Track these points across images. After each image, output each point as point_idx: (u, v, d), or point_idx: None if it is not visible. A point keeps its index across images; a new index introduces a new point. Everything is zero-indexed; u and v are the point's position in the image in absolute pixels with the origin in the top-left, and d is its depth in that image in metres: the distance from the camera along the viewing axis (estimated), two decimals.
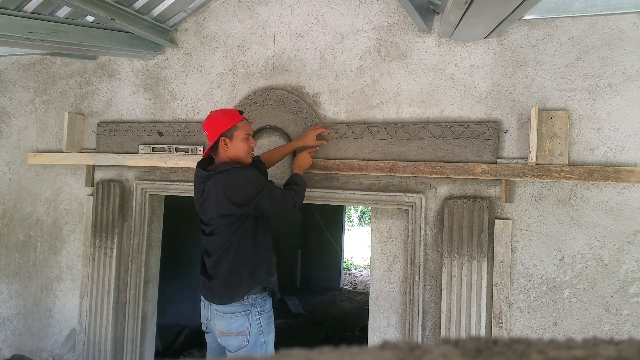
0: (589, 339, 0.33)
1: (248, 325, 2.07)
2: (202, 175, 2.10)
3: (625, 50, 2.12)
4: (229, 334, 2.08)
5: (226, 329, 2.08)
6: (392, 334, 2.48)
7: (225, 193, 1.99)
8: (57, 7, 2.51)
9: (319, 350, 0.32)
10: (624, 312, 2.09)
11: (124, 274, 2.99)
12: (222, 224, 2.06)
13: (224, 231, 2.06)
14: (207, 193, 2.05)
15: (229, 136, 2.08)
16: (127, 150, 2.99)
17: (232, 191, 1.99)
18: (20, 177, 3.35)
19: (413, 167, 2.33)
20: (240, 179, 2.01)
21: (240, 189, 1.99)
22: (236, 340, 2.07)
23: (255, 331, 2.09)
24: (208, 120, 2.12)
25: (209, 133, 2.10)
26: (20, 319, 3.32)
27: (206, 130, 2.12)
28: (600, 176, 2.06)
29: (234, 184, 2.00)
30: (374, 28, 2.53)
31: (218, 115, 2.12)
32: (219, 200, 2.01)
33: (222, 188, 2.00)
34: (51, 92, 3.29)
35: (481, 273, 2.24)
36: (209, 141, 2.12)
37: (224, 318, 2.08)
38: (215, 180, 2.02)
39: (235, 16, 2.83)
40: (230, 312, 2.08)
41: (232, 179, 2.01)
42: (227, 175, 2.02)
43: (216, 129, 2.07)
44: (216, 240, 2.09)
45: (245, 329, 2.07)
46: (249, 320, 2.08)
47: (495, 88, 2.31)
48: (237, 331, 2.07)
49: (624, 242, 2.10)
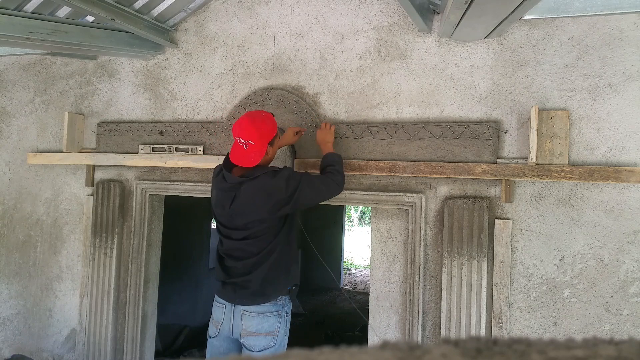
0: (589, 339, 0.33)
1: (277, 326, 2.07)
2: (232, 181, 2.04)
3: (625, 50, 2.12)
4: (258, 334, 2.05)
5: (256, 328, 2.05)
6: (392, 334, 2.48)
7: (267, 198, 1.97)
8: (57, 7, 2.51)
9: (319, 350, 0.32)
10: (624, 312, 2.09)
11: (124, 274, 2.99)
12: (263, 227, 2.03)
13: (265, 234, 2.03)
14: (244, 199, 2.01)
15: (272, 144, 2.07)
16: (127, 150, 2.99)
17: (275, 194, 1.97)
18: (20, 177, 3.35)
19: (413, 167, 2.33)
20: (280, 180, 1.99)
21: (282, 189, 1.98)
22: (264, 340, 2.05)
23: (283, 332, 2.10)
24: (253, 130, 1.98)
25: (255, 144, 1.98)
26: (20, 319, 3.32)
27: (251, 140, 1.98)
28: (600, 176, 2.06)
29: (275, 186, 1.98)
30: (374, 28, 2.53)
31: (263, 123, 2.03)
32: (260, 206, 1.98)
33: (264, 193, 1.98)
34: (51, 92, 3.29)
35: (481, 273, 2.24)
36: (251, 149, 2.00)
37: (255, 318, 2.06)
38: (253, 186, 1.99)
39: (235, 16, 2.83)
40: (263, 312, 2.06)
41: (272, 183, 1.98)
42: (266, 180, 1.99)
43: (265, 139, 2.01)
44: (254, 243, 2.05)
45: (274, 329, 2.07)
46: (279, 321, 2.08)
47: (495, 88, 2.31)
48: (267, 331, 2.05)
49: (624, 242, 2.10)
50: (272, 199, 1.97)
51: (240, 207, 2.02)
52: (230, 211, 2.05)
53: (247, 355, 1.93)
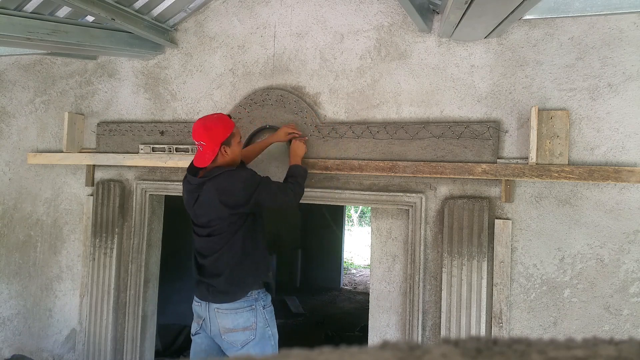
0: (589, 339, 0.33)
1: (254, 320, 2.11)
2: (194, 182, 2.14)
3: (625, 50, 2.12)
4: (235, 330, 2.10)
5: (232, 325, 2.10)
6: (392, 334, 2.48)
7: (223, 196, 2.04)
8: (57, 7, 2.51)
9: (319, 350, 0.32)
10: (624, 312, 2.09)
11: (124, 274, 2.99)
12: (223, 224, 2.09)
13: (226, 231, 2.10)
14: (204, 198, 2.10)
15: (228, 143, 2.13)
16: (127, 150, 2.99)
17: (231, 193, 2.04)
18: (20, 177, 3.35)
19: (413, 167, 2.33)
20: (237, 180, 2.05)
21: (239, 189, 2.04)
22: (243, 335, 2.10)
23: (262, 324, 2.13)
24: (203, 130, 2.07)
25: (207, 144, 2.08)
26: (20, 319, 3.32)
27: (202, 141, 2.08)
28: (600, 176, 2.06)
29: (231, 186, 2.05)
30: (374, 28, 2.53)
31: (214, 125, 2.10)
32: (217, 204, 2.05)
33: (220, 192, 2.04)
34: (51, 92, 3.29)
35: (481, 273, 2.24)
36: (204, 152, 2.09)
37: (229, 315, 2.10)
38: (211, 186, 2.07)
39: (235, 16, 2.83)
40: (235, 309, 2.11)
41: (229, 182, 2.05)
42: (222, 179, 2.07)
43: (216, 140, 2.07)
44: (216, 240, 2.12)
45: (251, 323, 2.11)
46: (255, 315, 2.12)
47: (495, 88, 2.31)
48: (244, 326, 2.10)
49: (624, 242, 2.10)
50: (229, 199, 2.04)
51: (201, 205, 2.11)
52: (195, 210, 2.15)
53: (247, 354, 1.93)
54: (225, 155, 2.13)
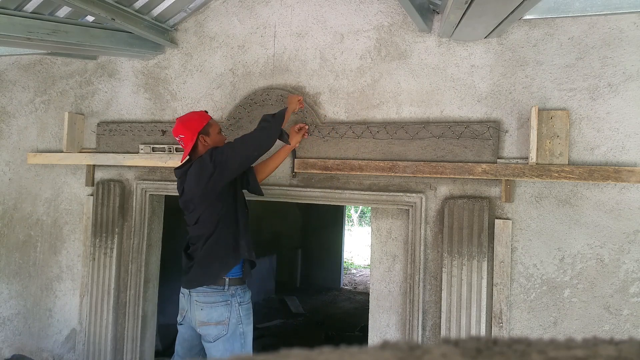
0: (589, 339, 0.33)
1: (228, 315, 2.16)
2: (178, 174, 2.28)
3: (625, 50, 2.12)
4: (209, 324, 2.16)
5: (206, 318, 2.16)
6: (392, 334, 2.48)
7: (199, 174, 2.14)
8: (57, 7, 2.51)
9: (319, 350, 0.32)
10: (624, 312, 2.09)
11: (124, 274, 2.99)
12: (204, 208, 2.17)
13: (210, 215, 2.17)
14: (186, 186, 2.20)
15: (206, 133, 2.24)
16: (127, 150, 2.99)
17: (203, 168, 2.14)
18: (21, 177, 3.35)
19: (413, 167, 2.33)
20: (205, 156, 2.17)
21: (207, 161, 2.14)
22: (215, 329, 2.15)
23: (235, 321, 2.17)
24: (179, 125, 2.22)
25: (185, 136, 2.21)
26: (20, 319, 3.32)
27: (181, 134, 2.21)
28: (601, 176, 2.06)
29: (202, 162, 2.15)
30: (374, 28, 2.53)
31: (189, 117, 2.26)
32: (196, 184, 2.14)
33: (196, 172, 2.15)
34: (51, 92, 3.29)
35: (481, 273, 2.24)
36: (185, 144, 2.23)
37: (205, 308, 2.16)
38: (190, 172, 2.19)
39: (235, 16, 2.83)
40: (211, 302, 2.16)
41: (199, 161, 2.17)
42: (196, 162, 2.18)
43: (193, 129, 2.21)
44: (202, 226, 2.20)
45: (224, 318, 2.16)
46: (229, 310, 2.16)
47: (496, 88, 2.31)
48: (217, 320, 2.15)
49: (624, 242, 2.10)
50: (203, 176, 2.13)
51: (185, 194, 2.23)
52: (182, 200, 2.26)
53: (248, 354, 1.94)
54: (205, 144, 2.24)
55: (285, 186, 2.64)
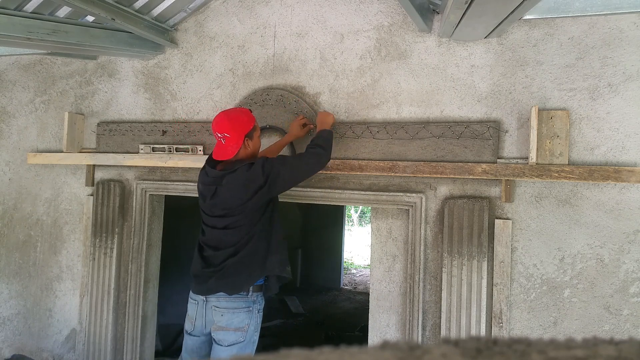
0: (589, 339, 0.33)
1: (248, 322, 2.13)
2: (213, 174, 2.13)
3: (626, 50, 2.12)
4: (227, 329, 2.12)
5: (226, 323, 2.12)
6: (392, 334, 2.48)
7: (246, 187, 2.03)
8: (57, 7, 2.51)
9: (319, 350, 0.32)
10: (624, 312, 2.09)
11: (124, 274, 2.99)
12: (241, 217, 2.09)
13: (245, 225, 2.10)
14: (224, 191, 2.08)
15: (251, 137, 2.14)
16: (127, 150, 2.99)
17: (253, 181, 2.03)
18: (20, 177, 3.35)
19: (413, 167, 2.33)
20: (257, 167, 2.06)
21: (259, 175, 2.03)
22: (234, 335, 2.11)
23: (253, 328, 2.15)
24: (227, 122, 2.08)
25: (231, 136, 2.07)
26: (20, 319, 3.32)
27: (227, 133, 2.07)
28: (601, 176, 2.06)
29: (252, 175, 2.04)
30: (374, 28, 2.53)
31: (237, 116, 2.12)
32: (239, 195, 2.05)
33: (243, 183, 2.04)
34: (51, 92, 3.29)
35: (481, 273, 2.24)
36: (228, 144, 2.09)
37: (226, 314, 2.12)
38: (232, 178, 2.06)
39: (235, 16, 2.83)
40: (233, 308, 2.12)
41: (249, 172, 2.06)
42: (243, 171, 2.06)
43: (240, 131, 2.08)
44: (233, 233, 2.12)
45: (245, 325, 2.12)
46: (249, 317, 2.13)
47: (496, 88, 2.31)
48: (237, 327, 2.11)
49: (624, 242, 2.10)
50: (250, 188, 2.04)
51: (220, 198, 2.10)
52: (212, 203, 2.14)
53: (248, 355, 1.93)
54: (248, 148, 2.13)
55: None
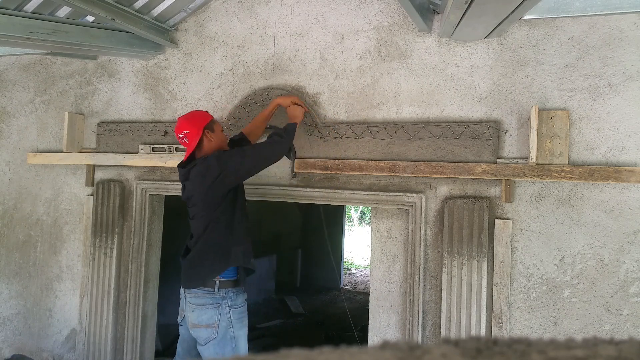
0: (589, 339, 0.33)
1: (217, 318, 2.14)
2: (183, 172, 2.23)
3: (626, 50, 2.12)
4: (199, 326, 2.15)
5: (197, 320, 2.15)
6: (392, 334, 2.48)
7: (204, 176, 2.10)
8: (57, 7, 2.51)
9: (319, 350, 0.32)
10: (624, 312, 2.09)
11: (124, 273, 2.99)
12: (202, 207, 2.16)
13: (205, 214, 2.16)
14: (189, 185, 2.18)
15: (211, 129, 2.21)
16: (127, 150, 2.99)
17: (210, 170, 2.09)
18: (21, 177, 3.35)
19: (413, 167, 2.33)
20: (211, 158, 2.12)
21: (214, 164, 2.09)
22: (205, 332, 2.14)
23: (225, 324, 2.15)
24: (183, 121, 2.18)
25: (190, 131, 2.16)
26: (20, 319, 3.32)
27: (186, 130, 2.16)
28: (601, 176, 2.06)
29: (208, 164, 2.10)
30: (374, 28, 2.53)
31: (192, 114, 2.24)
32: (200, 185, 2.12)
33: (201, 173, 2.11)
34: (51, 92, 3.29)
35: (481, 273, 2.24)
36: (190, 139, 2.17)
37: (195, 310, 2.16)
38: (194, 172, 2.15)
39: (235, 16, 2.83)
40: (201, 304, 2.15)
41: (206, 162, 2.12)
42: (200, 162, 2.14)
43: (198, 124, 2.17)
44: (197, 223, 2.20)
45: (214, 321, 2.14)
46: (219, 313, 2.14)
47: (496, 88, 2.31)
48: (207, 323, 2.14)
49: (624, 242, 2.10)
50: (207, 178, 2.09)
51: (188, 192, 2.21)
52: (184, 197, 2.25)
53: (248, 355, 1.94)
54: (211, 140, 2.20)
55: (285, 186, 2.64)
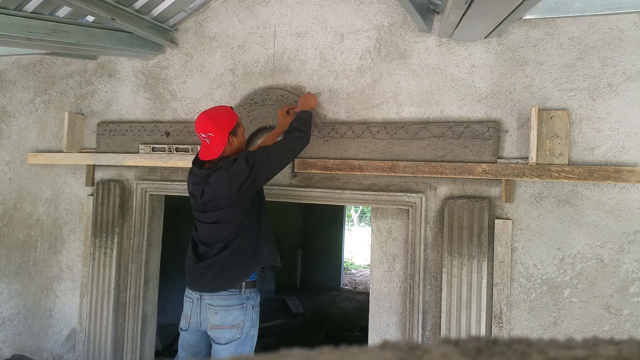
0: (589, 339, 0.33)
1: (243, 319, 2.15)
2: (200, 174, 2.15)
3: (626, 50, 2.12)
4: (223, 327, 2.13)
5: (221, 322, 2.14)
6: (393, 334, 2.48)
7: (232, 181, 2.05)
8: (57, 7, 2.51)
9: (319, 350, 0.32)
10: (624, 312, 2.09)
11: (124, 273, 2.99)
12: (230, 212, 2.11)
13: (234, 219, 2.12)
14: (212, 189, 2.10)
15: (235, 133, 2.15)
16: (127, 150, 2.99)
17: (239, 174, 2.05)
18: (21, 177, 3.35)
19: (413, 167, 2.33)
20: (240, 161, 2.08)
21: (243, 168, 2.05)
22: (230, 333, 2.13)
23: (249, 324, 2.17)
24: (208, 122, 2.09)
25: (215, 135, 2.08)
26: (20, 319, 3.32)
27: (211, 132, 2.08)
28: (601, 176, 2.06)
29: (237, 168, 2.06)
30: (374, 28, 2.53)
31: (219, 115, 2.13)
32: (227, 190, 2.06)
33: (229, 178, 2.05)
34: (51, 92, 3.29)
35: (481, 273, 2.24)
36: (213, 143, 2.11)
37: (220, 311, 2.14)
38: (218, 175, 2.08)
39: (235, 16, 2.83)
40: (227, 306, 2.14)
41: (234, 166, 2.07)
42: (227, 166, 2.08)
43: (224, 129, 2.09)
44: (223, 228, 2.14)
45: (240, 321, 2.14)
46: (244, 314, 2.15)
47: (496, 88, 2.31)
48: (232, 324, 2.13)
49: (624, 242, 2.10)
50: (236, 181, 2.05)
51: (209, 196, 2.12)
52: (202, 201, 2.15)
53: (247, 355, 1.94)
54: (233, 145, 2.15)
55: (285, 186, 2.64)
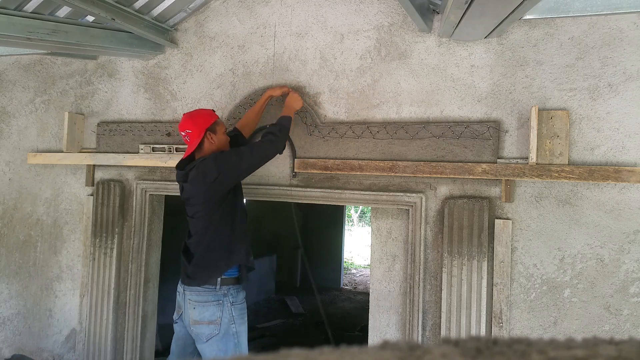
0: (589, 338, 0.33)
1: (219, 315, 2.16)
2: (181, 174, 2.24)
3: (626, 50, 2.12)
4: (201, 323, 2.16)
5: (198, 317, 2.17)
6: (393, 334, 2.48)
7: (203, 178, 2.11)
8: (57, 7, 2.51)
9: (319, 350, 0.32)
10: (624, 312, 2.09)
11: (124, 273, 2.99)
12: (202, 207, 2.18)
13: (205, 214, 2.18)
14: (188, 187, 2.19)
15: (214, 130, 2.22)
16: (127, 150, 2.99)
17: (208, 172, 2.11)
18: (21, 177, 3.35)
19: (413, 167, 2.33)
20: (209, 160, 2.13)
21: (212, 166, 2.11)
22: (208, 329, 2.16)
23: (227, 321, 2.17)
24: (187, 120, 2.19)
25: (192, 131, 2.17)
26: (20, 319, 3.32)
27: (188, 129, 2.18)
28: (601, 176, 2.06)
29: (207, 166, 2.12)
30: (374, 28, 2.53)
31: (198, 113, 2.24)
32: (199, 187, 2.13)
33: (200, 175, 2.12)
34: (51, 92, 3.29)
35: (481, 273, 2.24)
36: (191, 139, 2.19)
37: (197, 307, 2.17)
38: (193, 173, 2.15)
39: (235, 16, 2.83)
40: (203, 301, 2.17)
41: (204, 164, 2.13)
42: (200, 163, 2.15)
43: (201, 125, 2.18)
44: (197, 222, 2.21)
45: (216, 318, 2.16)
46: (221, 310, 2.17)
47: (496, 88, 2.31)
48: (209, 320, 2.16)
49: (624, 242, 2.10)
50: (206, 180, 2.11)
51: (187, 193, 2.22)
52: (183, 198, 2.27)
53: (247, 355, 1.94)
54: (212, 142, 2.21)
55: (285, 186, 2.64)
